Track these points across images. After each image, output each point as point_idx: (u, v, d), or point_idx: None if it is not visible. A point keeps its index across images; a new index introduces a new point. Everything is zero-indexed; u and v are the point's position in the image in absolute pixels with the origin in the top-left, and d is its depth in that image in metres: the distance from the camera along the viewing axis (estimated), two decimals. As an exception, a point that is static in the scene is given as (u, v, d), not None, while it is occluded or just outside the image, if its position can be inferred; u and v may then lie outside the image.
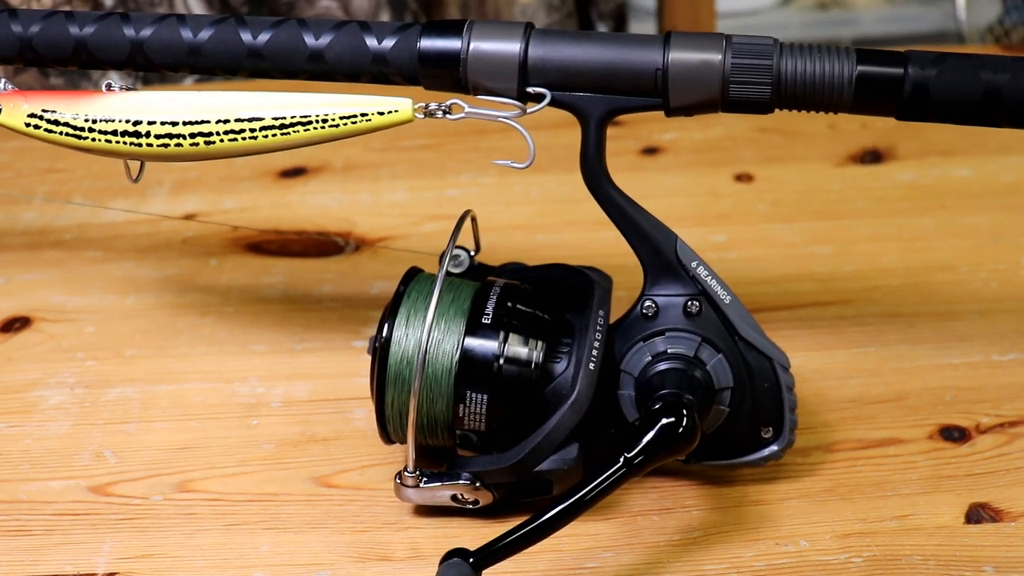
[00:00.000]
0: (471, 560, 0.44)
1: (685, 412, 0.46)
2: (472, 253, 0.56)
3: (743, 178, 0.78)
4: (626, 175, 0.52)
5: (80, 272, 0.70)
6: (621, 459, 0.45)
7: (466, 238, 0.55)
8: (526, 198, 0.76)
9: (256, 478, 0.54)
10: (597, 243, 0.67)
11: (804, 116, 0.49)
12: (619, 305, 0.53)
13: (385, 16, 1.07)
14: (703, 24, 1.15)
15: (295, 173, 0.80)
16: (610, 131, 0.51)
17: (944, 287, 0.67)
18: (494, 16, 1.11)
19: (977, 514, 0.52)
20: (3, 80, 0.53)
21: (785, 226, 0.73)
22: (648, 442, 0.45)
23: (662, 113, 0.49)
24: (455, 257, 0.54)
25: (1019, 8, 1.65)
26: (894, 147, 0.81)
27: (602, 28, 1.13)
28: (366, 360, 0.54)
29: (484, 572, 0.44)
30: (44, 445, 0.57)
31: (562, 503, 0.44)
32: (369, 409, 0.57)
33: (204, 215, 0.75)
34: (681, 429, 0.45)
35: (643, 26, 1.45)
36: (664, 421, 0.45)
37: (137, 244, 0.73)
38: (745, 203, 0.76)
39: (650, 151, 0.81)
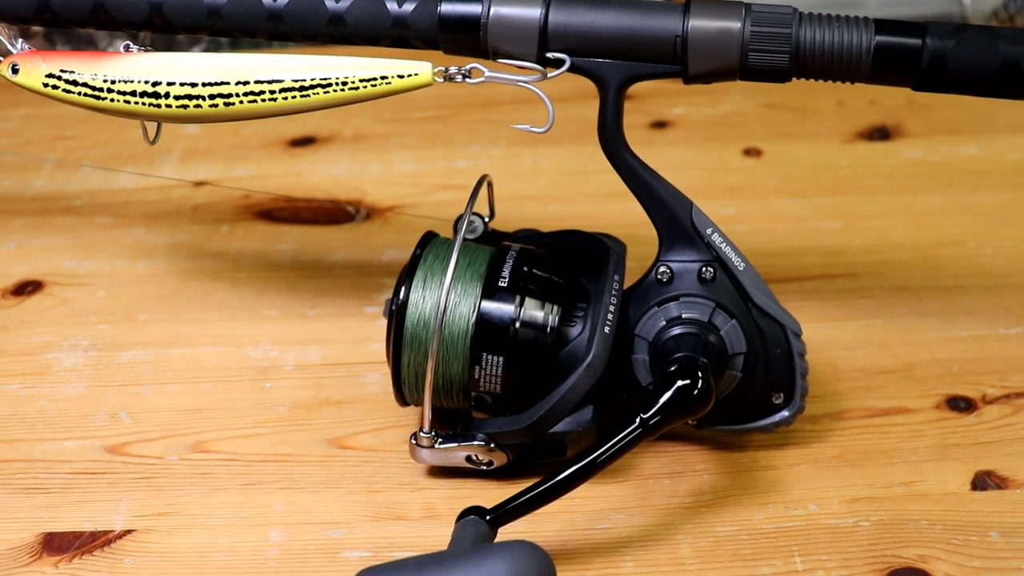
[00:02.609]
0: (488, 518, 0.44)
1: (700, 375, 0.46)
2: (487, 219, 0.56)
3: (752, 153, 0.79)
4: (636, 148, 0.52)
5: (91, 238, 0.70)
6: (637, 420, 0.45)
7: (480, 206, 0.55)
8: (536, 170, 0.76)
9: (270, 439, 0.55)
10: (608, 214, 0.67)
11: (813, 93, 0.49)
12: (631, 276, 0.53)
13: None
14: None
15: (305, 142, 0.80)
16: (623, 111, 0.51)
17: (952, 262, 0.68)
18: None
19: (983, 481, 0.52)
20: (20, 40, 0.53)
21: (794, 201, 0.74)
22: (664, 403, 0.45)
23: (672, 87, 0.50)
24: (470, 223, 0.55)
25: (1024, -7, 1.65)
26: (902, 125, 0.82)
27: None
28: (378, 325, 0.54)
29: (499, 531, 0.45)
30: (59, 406, 0.57)
31: (579, 462, 0.45)
32: (382, 373, 0.58)
33: (215, 182, 0.75)
34: (696, 391, 0.46)
35: None
36: (680, 383, 0.46)
37: (148, 211, 0.73)
38: (754, 178, 0.76)
39: (659, 125, 0.81)
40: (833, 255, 0.68)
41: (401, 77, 0.49)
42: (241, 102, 0.50)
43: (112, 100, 0.51)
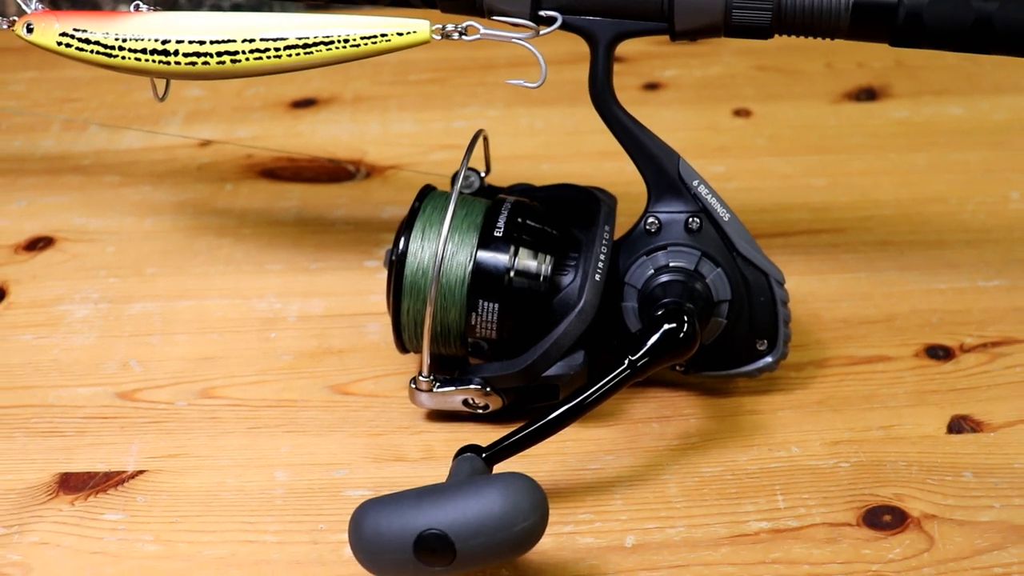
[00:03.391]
0: (484, 455, 0.47)
1: (686, 319, 0.48)
2: (483, 174, 0.58)
3: (742, 113, 0.81)
4: (629, 109, 0.54)
5: (99, 196, 0.72)
6: (626, 361, 0.47)
7: (477, 162, 0.57)
8: (532, 130, 0.78)
9: (275, 386, 0.57)
10: (601, 172, 0.69)
11: (803, 55, 0.51)
12: (624, 230, 0.55)
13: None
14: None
15: (306, 104, 0.82)
16: (613, 67, 0.53)
17: (935, 218, 0.70)
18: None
19: (958, 425, 0.54)
20: (34, 0, 0.55)
21: (782, 159, 0.76)
22: (651, 346, 0.48)
23: (665, 49, 0.51)
24: (466, 178, 0.57)
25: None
26: (889, 86, 0.84)
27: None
28: (379, 278, 0.56)
29: (495, 468, 0.47)
30: (72, 355, 0.59)
31: (570, 402, 0.47)
32: (382, 324, 0.60)
33: (219, 142, 0.77)
34: (682, 335, 0.48)
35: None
36: (667, 326, 0.48)
37: (154, 170, 0.75)
38: (744, 137, 0.78)
39: (652, 87, 0.83)
40: (819, 211, 0.70)
41: (400, 35, 0.51)
42: (247, 59, 0.51)
43: (123, 58, 0.52)
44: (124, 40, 0.52)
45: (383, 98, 0.83)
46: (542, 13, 0.51)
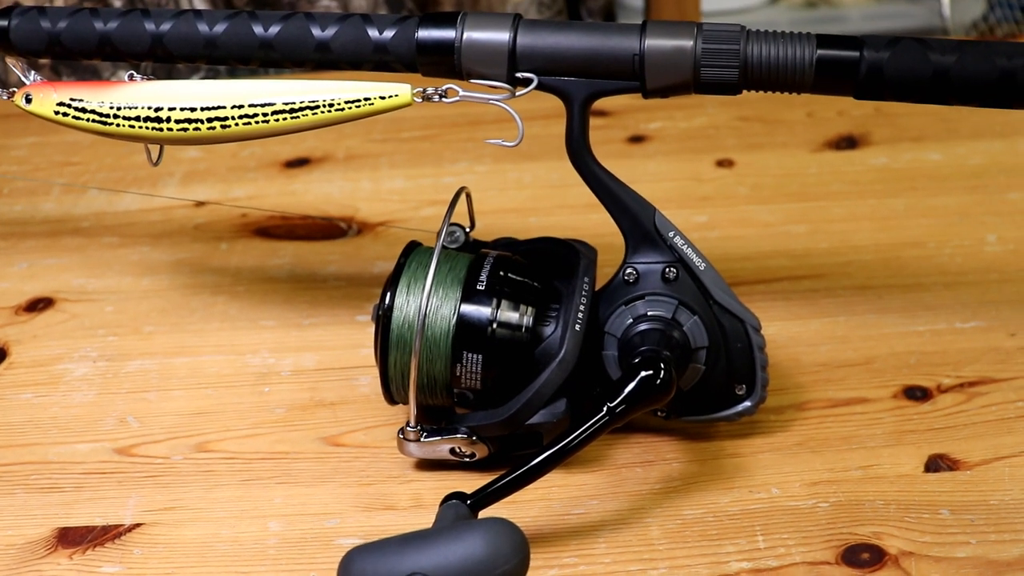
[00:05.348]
0: (468, 502, 0.48)
1: (663, 366, 0.50)
2: (468, 229, 0.60)
3: (725, 164, 0.83)
4: (614, 162, 0.56)
5: (98, 257, 0.74)
6: (604, 408, 0.49)
7: (462, 217, 0.59)
8: (519, 184, 0.80)
9: (269, 439, 0.59)
10: (586, 224, 0.71)
11: (784, 105, 0.53)
12: (604, 279, 0.57)
13: (383, 12, 1.12)
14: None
15: (299, 163, 0.84)
16: (599, 121, 0.55)
17: (913, 262, 0.71)
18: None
19: (936, 464, 0.56)
20: (32, 72, 0.57)
21: (763, 207, 0.77)
22: (629, 393, 0.49)
23: (650, 102, 0.54)
24: (451, 233, 0.59)
25: (1003, 5, 1.69)
26: (869, 133, 0.86)
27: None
28: (369, 332, 0.58)
29: (479, 514, 0.49)
30: (71, 412, 0.61)
31: (551, 448, 0.49)
32: (372, 377, 0.61)
33: (214, 202, 0.79)
34: (659, 381, 0.50)
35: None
36: (644, 374, 0.50)
37: (151, 230, 0.77)
38: (726, 187, 0.80)
39: (636, 139, 0.86)
40: (800, 258, 0.72)
41: (383, 98, 0.53)
42: (237, 124, 0.54)
43: (118, 125, 0.55)
44: (118, 108, 0.55)
45: (375, 156, 0.85)
46: (518, 75, 0.53)
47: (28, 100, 0.56)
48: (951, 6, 1.73)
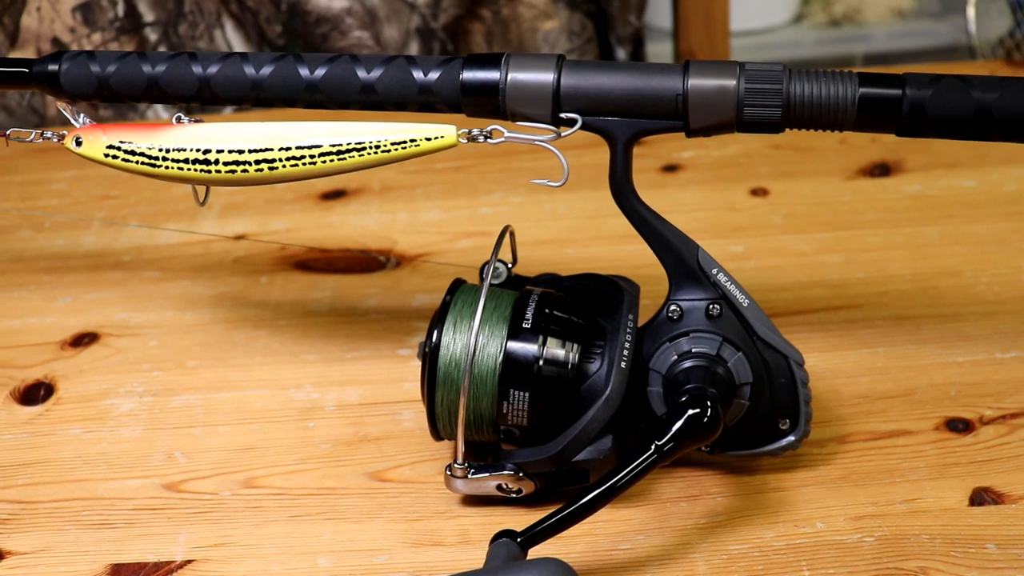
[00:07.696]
0: (519, 540, 0.48)
1: (709, 404, 0.50)
2: (510, 265, 0.61)
3: (759, 192, 0.83)
4: (648, 191, 0.57)
5: (140, 291, 0.75)
6: (652, 447, 0.49)
7: (504, 253, 0.59)
8: (555, 215, 0.81)
9: (315, 474, 0.59)
10: (623, 255, 0.72)
11: (815, 133, 0.53)
12: (645, 312, 0.57)
13: (414, 44, 1.13)
14: (717, 43, 1.20)
15: (336, 195, 0.85)
16: (632, 163, 0.55)
17: (949, 291, 0.71)
18: (517, 42, 1.16)
19: (980, 497, 0.56)
20: (81, 115, 0.58)
21: (798, 237, 0.78)
22: (676, 431, 0.50)
23: (683, 134, 0.54)
24: (495, 269, 0.59)
25: (1030, 22, 1.69)
26: (902, 160, 0.86)
27: (621, 51, 1.19)
28: (412, 366, 0.58)
29: (529, 552, 0.49)
30: (119, 448, 0.62)
31: (600, 486, 0.49)
32: (416, 411, 0.62)
33: (252, 236, 0.80)
34: (706, 419, 0.50)
35: (660, 47, 1.51)
36: (691, 412, 0.50)
37: (191, 264, 0.78)
38: (760, 216, 0.80)
39: (670, 168, 0.86)
40: (836, 288, 0.72)
41: (429, 140, 0.54)
42: (284, 166, 0.54)
43: (167, 168, 0.55)
44: (167, 151, 0.55)
45: (410, 187, 0.86)
46: (562, 115, 0.54)
47: (78, 143, 0.57)
48: (976, 23, 1.73)
